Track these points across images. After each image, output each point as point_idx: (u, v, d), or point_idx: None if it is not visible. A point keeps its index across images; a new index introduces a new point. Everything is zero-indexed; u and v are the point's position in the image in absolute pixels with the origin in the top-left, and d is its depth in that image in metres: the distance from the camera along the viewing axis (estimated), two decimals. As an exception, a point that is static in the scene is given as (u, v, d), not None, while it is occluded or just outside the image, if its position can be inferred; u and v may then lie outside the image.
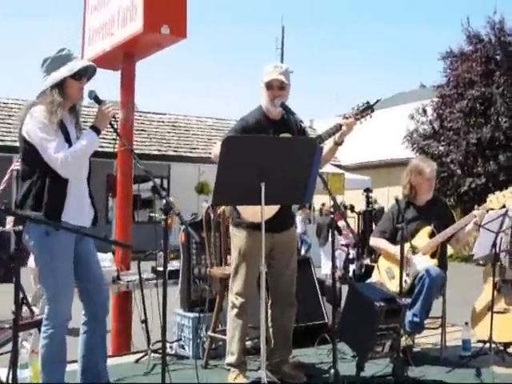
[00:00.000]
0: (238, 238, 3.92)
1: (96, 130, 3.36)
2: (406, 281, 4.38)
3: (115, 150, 5.60)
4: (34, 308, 4.42)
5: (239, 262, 3.89)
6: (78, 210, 3.38)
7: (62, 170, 3.24)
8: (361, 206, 9.32)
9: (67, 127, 3.38)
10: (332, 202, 3.73)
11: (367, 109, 3.97)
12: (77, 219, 3.36)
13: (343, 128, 3.95)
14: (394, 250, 4.52)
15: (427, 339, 4.90)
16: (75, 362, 3.60)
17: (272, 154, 3.33)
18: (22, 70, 78.45)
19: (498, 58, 17.51)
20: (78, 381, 3.54)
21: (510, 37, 17.63)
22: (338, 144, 4.02)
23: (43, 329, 3.32)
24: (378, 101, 4.01)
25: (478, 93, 17.21)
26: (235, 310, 3.89)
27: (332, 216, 3.96)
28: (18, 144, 3.47)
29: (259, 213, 3.35)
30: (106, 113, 3.35)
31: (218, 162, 3.24)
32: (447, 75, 18.62)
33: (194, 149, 21.08)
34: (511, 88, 16.76)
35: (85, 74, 3.47)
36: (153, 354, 4.35)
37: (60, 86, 3.34)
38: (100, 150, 3.78)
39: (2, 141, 17.24)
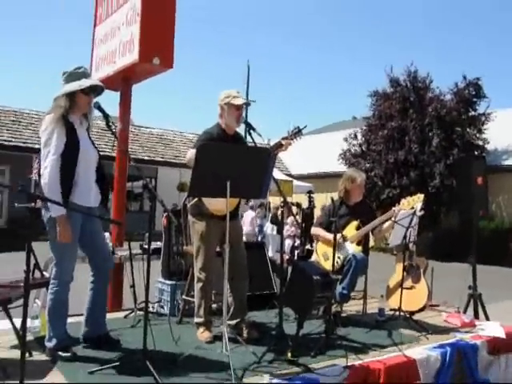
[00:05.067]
0: (198, 225, 3.84)
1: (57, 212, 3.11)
2: (337, 262, 4.37)
3: (113, 151, 5.47)
4: (44, 272, 4.30)
5: (200, 244, 3.82)
6: (85, 193, 3.28)
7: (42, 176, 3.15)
8: (304, 205, 9.36)
9: (76, 129, 3.27)
10: (283, 199, 3.71)
11: (298, 132, 3.98)
12: (84, 200, 3.27)
13: (283, 145, 3.97)
14: (329, 236, 4.54)
15: (352, 307, 4.89)
16: (80, 315, 3.53)
17: (236, 159, 3.30)
18: (41, 85, 76.08)
19: (411, 99, 17.73)
20: (82, 328, 3.46)
21: (421, 83, 17.90)
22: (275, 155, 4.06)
23: (50, 287, 3.25)
24: (305, 126, 4.00)
25: (396, 124, 17.41)
26: (200, 283, 3.83)
27: (282, 210, 3.91)
28: (38, 146, 3.38)
29: (220, 205, 3.34)
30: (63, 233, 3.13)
31: (193, 164, 3.21)
32: (373, 110, 18.81)
33: (177, 156, 20.88)
34: (421, 122, 16.99)
35: (93, 90, 3.37)
36: (138, 312, 4.28)
37: (71, 96, 3.25)
38: (103, 153, 3.69)
39: (24, 143, 17.12)
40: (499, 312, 5.90)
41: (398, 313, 4.38)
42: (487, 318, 5.20)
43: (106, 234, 4.91)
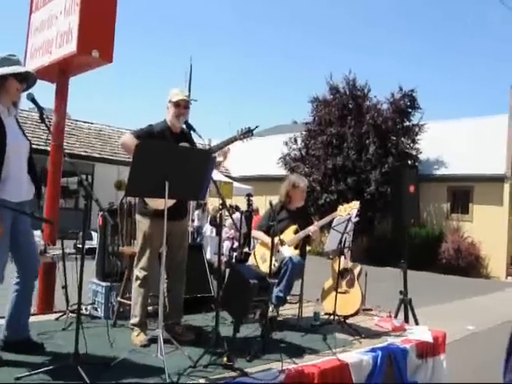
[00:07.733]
0: (143, 224, 3.80)
1: None
2: (274, 265, 4.40)
3: (48, 145, 5.27)
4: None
5: (144, 243, 3.78)
6: (15, 188, 3.10)
7: None
8: (243, 207, 9.41)
9: (3, 119, 3.08)
10: (221, 202, 3.70)
11: (248, 132, 3.97)
12: (14, 196, 3.09)
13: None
14: (268, 240, 4.58)
15: (288, 311, 4.94)
16: (2, 317, 3.35)
17: (175, 159, 3.24)
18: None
19: (350, 106, 18.23)
20: (2, 331, 3.28)
21: (359, 91, 18.42)
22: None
23: None
24: (256, 127, 4.01)
25: (335, 131, 17.85)
26: (139, 282, 3.78)
27: (220, 212, 3.91)
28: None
29: (161, 204, 3.27)
30: None
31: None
32: (313, 115, 19.17)
33: (115, 153, 20.33)
34: (359, 130, 17.49)
35: (26, 79, 3.21)
36: (70, 314, 4.14)
37: (1, 80, 3.09)
38: (36, 147, 3.52)
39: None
40: (428, 316, 6.16)
41: (332, 317, 4.47)
42: (416, 323, 5.42)
43: (38, 232, 4.72)
